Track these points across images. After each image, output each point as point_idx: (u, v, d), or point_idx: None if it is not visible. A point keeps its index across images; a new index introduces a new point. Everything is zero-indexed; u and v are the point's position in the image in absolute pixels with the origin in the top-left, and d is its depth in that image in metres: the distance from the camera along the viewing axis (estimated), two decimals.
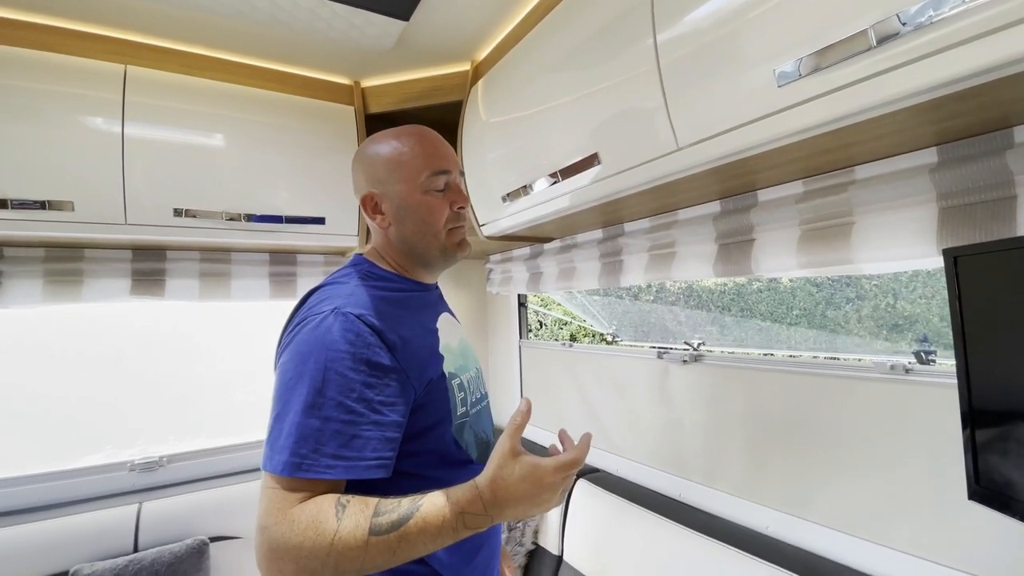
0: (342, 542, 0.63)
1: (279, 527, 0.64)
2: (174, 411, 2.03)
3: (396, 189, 0.88)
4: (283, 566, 0.64)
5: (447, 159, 0.90)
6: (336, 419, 0.68)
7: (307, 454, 0.66)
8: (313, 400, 0.68)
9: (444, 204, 0.88)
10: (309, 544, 0.63)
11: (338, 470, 0.67)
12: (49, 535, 1.45)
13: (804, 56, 0.67)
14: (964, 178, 0.80)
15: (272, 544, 0.64)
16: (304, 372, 0.70)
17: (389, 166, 0.88)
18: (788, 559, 1.08)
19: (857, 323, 2.88)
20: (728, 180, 1.04)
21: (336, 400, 0.69)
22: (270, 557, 0.64)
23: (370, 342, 0.73)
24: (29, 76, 1.31)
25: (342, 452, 0.67)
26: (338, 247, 1.84)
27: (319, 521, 0.64)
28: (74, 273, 1.59)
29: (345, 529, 0.63)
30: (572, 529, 1.59)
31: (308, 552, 0.63)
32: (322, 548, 0.63)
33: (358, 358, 0.71)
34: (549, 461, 0.67)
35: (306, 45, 1.50)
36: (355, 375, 0.70)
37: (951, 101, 0.66)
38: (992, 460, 0.73)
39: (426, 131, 0.92)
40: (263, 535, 0.65)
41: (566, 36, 1.17)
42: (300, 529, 0.63)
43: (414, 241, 0.89)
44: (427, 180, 0.87)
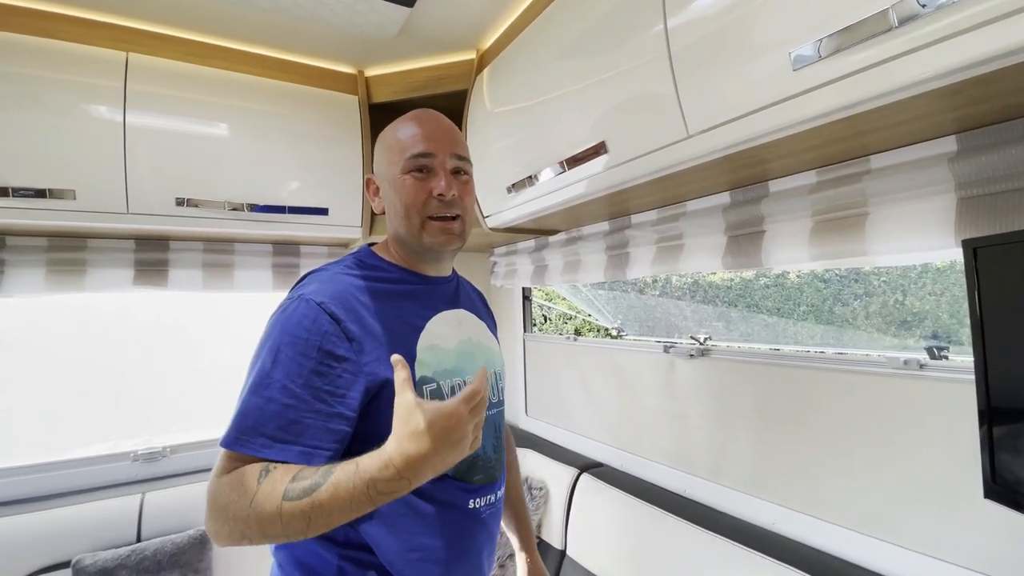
0: (259, 505, 0.63)
1: (213, 490, 0.67)
2: (177, 402, 2.03)
3: (384, 171, 0.88)
4: (218, 527, 0.66)
5: (432, 141, 0.84)
6: (278, 401, 0.69)
7: (246, 430, 0.68)
8: (261, 380, 0.70)
9: (422, 188, 0.83)
10: (234, 506, 0.64)
11: (272, 451, 0.67)
12: (52, 525, 1.45)
13: (825, 37, 0.65)
14: (984, 167, 0.78)
15: (209, 506, 0.66)
16: (261, 353, 0.73)
17: (383, 149, 0.88)
18: (795, 556, 1.06)
19: (865, 319, 2.85)
20: (739, 170, 1.02)
21: (281, 383, 0.69)
22: (209, 518, 0.66)
23: (327, 330, 0.73)
24: (30, 63, 1.29)
25: (278, 434, 0.68)
26: (341, 238, 1.83)
27: (242, 484, 0.65)
28: (77, 263, 1.59)
29: (262, 493, 0.63)
30: (576, 524, 1.58)
31: (233, 514, 0.64)
32: (243, 510, 0.63)
33: (311, 344, 0.71)
34: (451, 399, 0.64)
35: (310, 33, 1.48)
36: (305, 361, 0.71)
37: (972, 86, 0.63)
38: (1009, 458, 0.71)
39: (427, 114, 0.89)
40: (207, 498, 0.67)
41: (573, 23, 1.14)
42: (226, 491, 0.65)
43: (397, 227, 0.87)
44: (407, 162, 0.84)
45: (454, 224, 0.86)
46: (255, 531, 0.63)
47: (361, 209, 1.76)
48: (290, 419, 0.68)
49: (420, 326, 0.84)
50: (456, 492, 0.83)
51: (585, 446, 1.87)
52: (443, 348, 0.85)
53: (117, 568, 1.40)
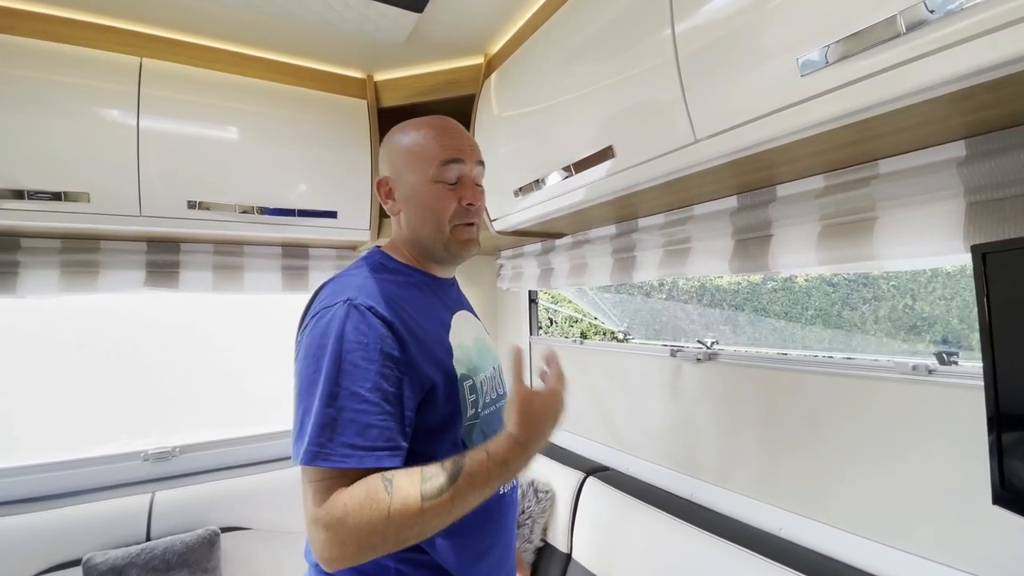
0: (399, 514, 0.65)
1: (332, 514, 0.66)
2: (187, 402, 2.05)
3: (408, 178, 0.88)
4: (345, 549, 0.66)
5: (462, 149, 0.88)
6: (351, 408, 0.69)
7: (325, 443, 0.68)
8: (330, 391, 0.70)
9: (452, 197, 0.86)
10: (367, 521, 0.65)
11: (354, 459, 0.68)
12: (63, 523, 1.47)
13: (832, 43, 0.65)
14: (994, 172, 0.78)
15: (330, 532, 0.66)
16: (320, 365, 0.71)
17: (405, 153, 0.89)
18: (802, 562, 1.06)
19: (874, 324, 2.82)
20: (746, 174, 1.02)
21: (350, 390, 0.70)
22: (330, 544, 0.66)
23: (382, 333, 0.74)
24: (46, 68, 1.32)
25: (356, 441, 0.68)
26: (350, 241, 1.84)
27: (371, 499, 0.66)
28: (90, 264, 1.61)
29: (398, 501, 0.66)
30: (581, 527, 1.58)
31: (368, 529, 0.65)
32: (380, 522, 0.65)
33: (371, 348, 0.72)
34: (553, 383, 0.79)
35: (319, 38, 1.50)
36: (369, 365, 0.71)
37: (982, 91, 0.63)
38: (1019, 465, 0.71)
39: (449, 122, 0.91)
40: (317, 526, 0.67)
41: (581, 28, 1.15)
42: (354, 510, 0.65)
43: (420, 232, 0.89)
44: (438, 170, 0.86)
45: (473, 230, 0.90)
46: (391, 541, 0.66)
47: (369, 212, 1.77)
48: (365, 424, 0.69)
49: (447, 325, 0.87)
50: None
51: (591, 450, 1.87)
52: (467, 345, 0.88)
53: (127, 566, 1.41)
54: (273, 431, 1.98)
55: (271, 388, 2.20)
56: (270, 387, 2.20)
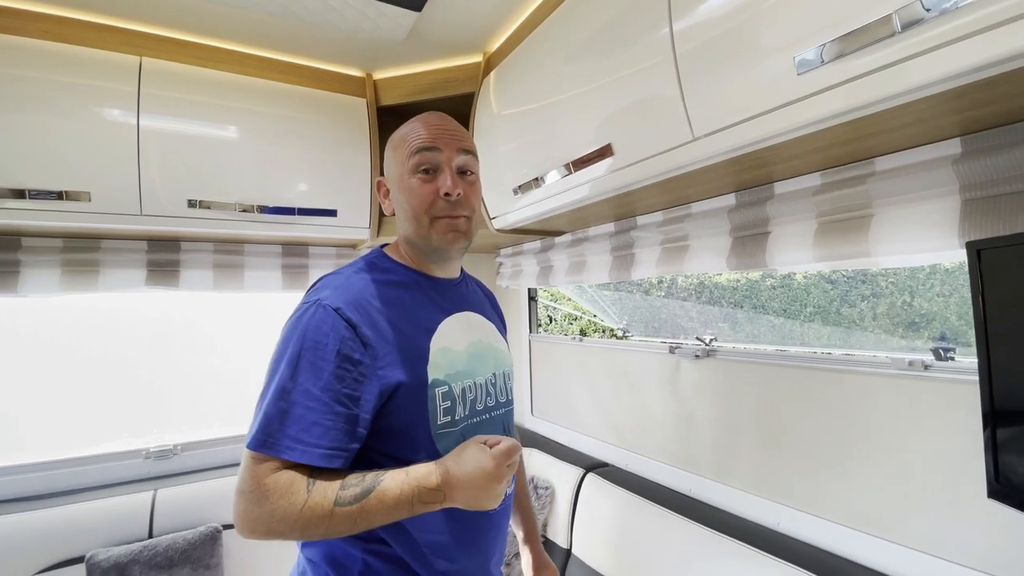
0: (309, 511, 0.69)
1: (254, 493, 0.70)
2: (188, 401, 2.05)
3: (391, 173, 0.89)
4: (255, 526, 0.70)
5: (438, 138, 0.84)
6: (301, 404, 0.72)
7: (272, 433, 0.71)
8: (284, 385, 0.73)
9: (429, 189, 0.83)
10: (280, 511, 0.69)
11: (296, 452, 0.71)
12: (66, 520, 1.48)
13: (827, 42, 0.66)
14: (989, 169, 0.78)
15: (247, 507, 0.70)
16: (281, 359, 0.75)
17: (390, 150, 0.90)
18: (799, 556, 1.07)
19: (872, 321, 2.83)
20: (744, 172, 1.03)
21: (303, 387, 0.73)
22: (244, 518, 0.70)
23: (344, 335, 0.75)
24: (46, 67, 1.32)
25: (302, 436, 0.71)
26: (350, 239, 1.85)
27: (291, 492, 0.69)
28: (90, 263, 1.61)
29: (313, 500, 0.69)
30: (581, 523, 1.59)
31: (279, 517, 0.69)
32: (291, 515, 0.69)
33: (329, 349, 0.74)
34: (494, 451, 0.75)
35: (319, 37, 1.51)
36: (325, 365, 0.73)
37: (976, 89, 0.64)
38: (1013, 459, 0.72)
39: (432, 114, 0.90)
40: (240, 498, 0.71)
41: (580, 26, 1.15)
42: (273, 497, 0.69)
43: (406, 228, 0.88)
44: (413, 159, 0.84)
45: (459, 222, 0.86)
46: (296, 531, 0.70)
47: (369, 210, 1.78)
48: (312, 422, 0.72)
49: (432, 328, 0.85)
50: None
51: (591, 446, 1.88)
52: (454, 350, 0.86)
53: (130, 563, 1.42)
54: None
55: None
56: None
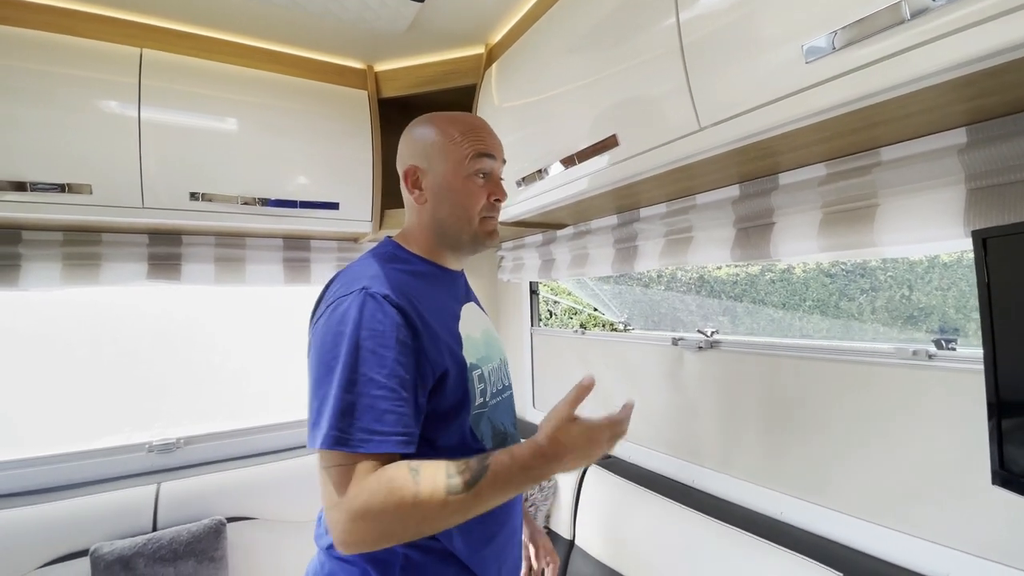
0: (422, 503, 0.67)
1: (356, 499, 0.67)
2: (191, 394, 2.05)
3: (440, 168, 0.89)
4: (365, 534, 0.68)
5: (495, 147, 0.92)
6: (369, 395, 0.71)
7: (345, 428, 0.69)
8: (348, 377, 0.71)
9: (483, 192, 0.90)
10: (391, 508, 0.66)
11: (373, 444, 0.69)
12: (70, 514, 1.48)
13: (839, 29, 0.65)
14: (994, 159, 0.79)
15: (351, 514, 0.67)
16: (338, 353, 0.72)
17: (437, 145, 0.90)
18: (803, 545, 1.07)
19: (871, 314, 2.84)
20: (749, 162, 1.03)
21: (368, 376, 0.71)
22: (351, 527, 0.67)
23: (397, 322, 0.75)
24: (46, 59, 1.31)
25: (374, 426, 0.70)
26: (351, 232, 1.85)
27: (396, 487, 0.67)
28: (92, 257, 1.61)
29: (424, 491, 0.67)
30: (584, 514, 1.60)
31: (391, 515, 0.67)
32: (403, 510, 0.66)
33: (387, 336, 0.74)
34: (602, 420, 0.79)
35: (320, 28, 1.50)
36: (386, 352, 0.73)
37: (984, 78, 0.64)
38: (1017, 446, 0.72)
39: (479, 120, 0.94)
40: (339, 511, 0.68)
41: (583, 17, 1.15)
42: (380, 496, 0.67)
43: (447, 222, 0.91)
44: (471, 163, 0.88)
45: (497, 222, 0.95)
46: (412, 529, 0.69)
47: (371, 203, 1.77)
48: (384, 410, 0.71)
49: (457, 316, 0.89)
50: None
51: None
52: (474, 337, 0.90)
53: (134, 556, 1.42)
54: (276, 422, 1.99)
55: (274, 379, 2.21)
56: (273, 379, 2.21)
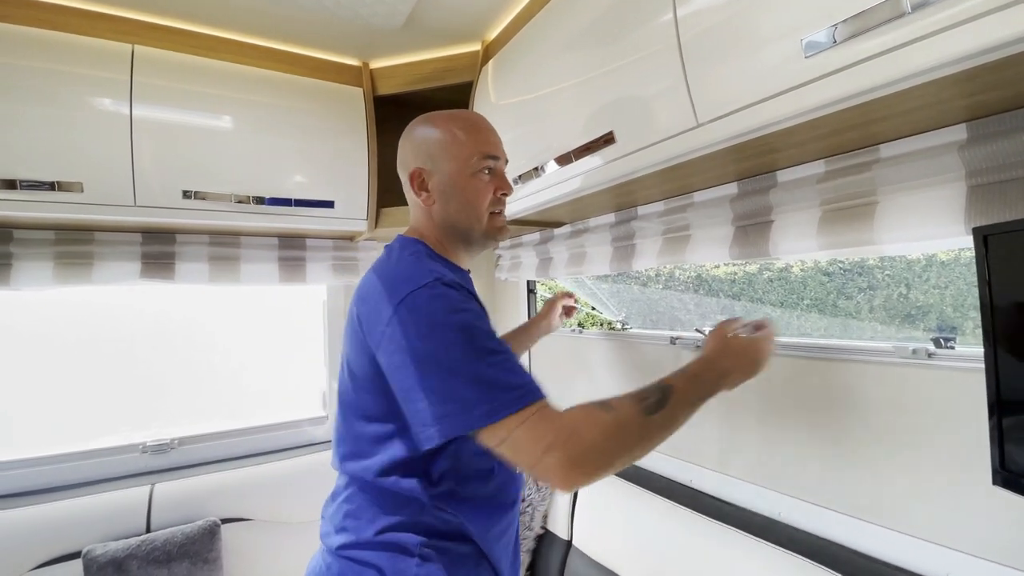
0: (626, 427, 0.72)
1: (567, 441, 0.69)
2: (186, 395, 2.04)
3: (446, 168, 0.90)
4: (586, 467, 0.70)
5: (497, 146, 0.95)
6: (498, 361, 0.73)
7: (501, 394, 0.71)
8: (474, 354, 0.72)
9: (489, 188, 0.93)
10: (601, 437, 0.70)
11: (531, 395, 0.72)
12: (63, 515, 1.47)
13: (839, 23, 0.64)
14: (995, 155, 0.78)
15: (568, 454, 0.69)
16: (445, 340, 0.73)
17: (441, 145, 0.91)
18: (801, 545, 1.07)
19: (869, 313, 2.84)
20: (747, 159, 1.02)
21: (488, 347, 0.74)
22: (571, 466, 0.69)
23: (478, 303, 0.82)
24: (37, 56, 1.30)
25: (522, 380, 0.73)
26: (347, 231, 1.83)
27: (595, 418, 0.71)
28: (84, 256, 1.59)
29: (623, 417, 0.72)
30: (582, 514, 1.59)
31: (601, 438, 0.70)
32: (611, 436, 0.71)
33: (480, 314, 0.78)
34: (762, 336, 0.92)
35: (315, 24, 1.48)
36: (485, 322, 0.78)
37: (986, 72, 0.63)
38: (1018, 446, 0.71)
39: (480, 117, 0.97)
40: (551, 457, 0.68)
41: (580, 13, 1.14)
42: (582, 426, 0.70)
43: (457, 221, 0.92)
44: (477, 162, 0.91)
45: (504, 218, 0.99)
46: (624, 453, 0.72)
47: (367, 201, 1.76)
48: (517, 366, 0.75)
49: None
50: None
51: None
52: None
53: (127, 558, 1.41)
54: (272, 422, 1.98)
55: (270, 379, 2.20)
56: (268, 378, 2.20)
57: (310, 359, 2.17)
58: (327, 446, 2.01)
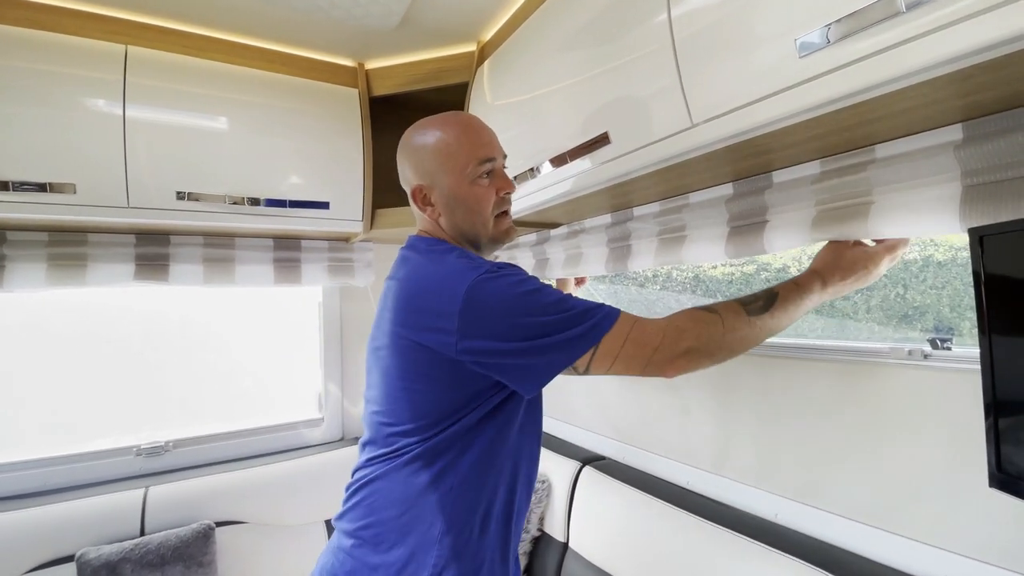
0: (733, 329, 0.82)
1: (670, 329, 0.80)
2: (180, 397, 2.03)
3: (444, 181, 0.90)
4: (697, 357, 0.81)
5: (492, 147, 0.94)
6: (572, 299, 0.82)
7: (590, 318, 0.79)
8: (553, 306, 0.79)
9: (491, 191, 0.93)
10: (705, 334, 0.81)
11: (614, 313, 0.81)
12: (56, 519, 1.46)
13: (833, 23, 0.64)
14: (991, 155, 0.77)
15: (674, 350, 0.80)
16: (524, 304, 0.79)
17: (437, 158, 0.90)
18: (798, 548, 1.06)
19: (866, 313, 2.84)
20: (743, 160, 1.01)
21: (557, 297, 0.81)
22: (676, 357, 0.80)
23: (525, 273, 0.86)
24: (29, 56, 1.29)
25: (600, 304, 0.82)
26: (342, 232, 1.82)
27: (698, 318, 0.83)
28: (78, 257, 1.59)
29: (727, 318, 0.82)
30: (578, 516, 1.59)
31: (705, 341, 0.81)
32: (717, 336, 0.82)
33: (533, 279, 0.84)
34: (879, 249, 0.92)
35: (309, 24, 1.48)
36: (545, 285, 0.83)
37: (981, 72, 0.62)
38: (1014, 449, 0.71)
39: (470, 119, 0.95)
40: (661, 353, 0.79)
41: (575, 14, 1.13)
42: (690, 329, 0.81)
43: (465, 229, 0.93)
44: (474, 169, 0.91)
45: (510, 217, 1.00)
46: (725, 349, 0.83)
47: (362, 202, 1.75)
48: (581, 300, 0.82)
49: None
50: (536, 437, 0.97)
51: (587, 439, 1.88)
52: None
53: (121, 562, 1.40)
54: (267, 424, 1.97)
55: (266, 381, 2.19)
56: (265, 380, 2.19)
57: (306, 360, 2.16)
58: (323, 448, 2.00)
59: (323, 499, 1.77)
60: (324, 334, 2.11)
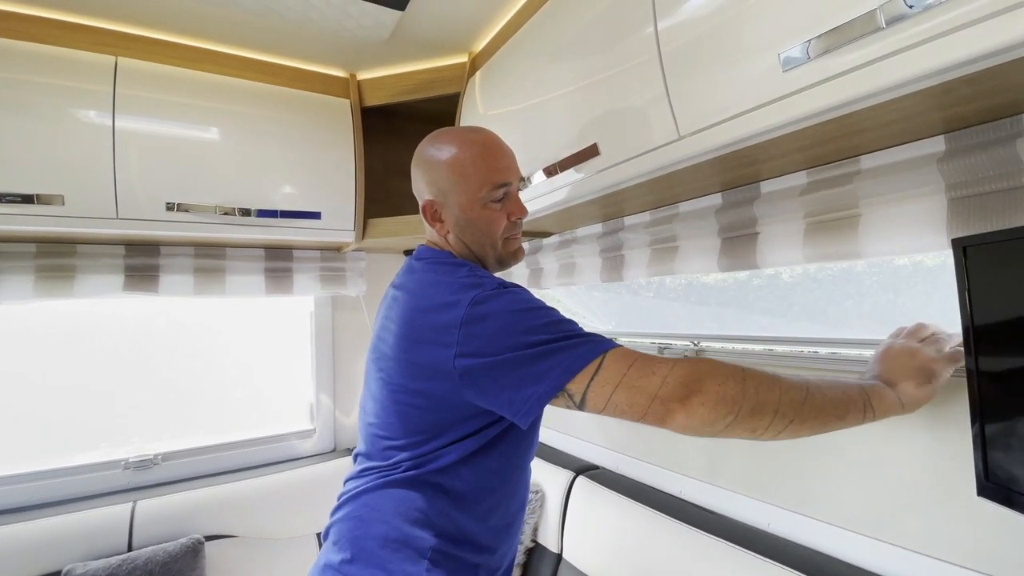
0: (755, 380, 0.72)
1: (693, 372, 0.73)
2: (169, 409, 2.01)
3: (456, 200, 0.90)
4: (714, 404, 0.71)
5: (509, 171, 0.92)
6: (568, 321, 0.80)
7: (588, 339, 0.76)
8: (551, 322, 0.77)
9: (502, 216, 0.92)
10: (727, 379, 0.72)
11: (601, 339, 0.77)
12: (42, 534, 1.43)
13: (813, 39, 0.65)
14: (973, 167, 0.78)
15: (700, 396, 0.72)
16: (527, 319, 0.77)
17: (451, 176, 0.89)
18: (790, 557, 1.06)
19: (858, 319, 2.86)
20: (730, 171, 1.02)
21: (552, 317, 0.79)
22: (713, 405, 0.71)
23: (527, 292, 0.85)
24: (17, 68, 1.28)
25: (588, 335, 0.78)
26: (334, 242, 1.82)
27: (719, 367, 0.74)
28: (66, 269, 1.57)
29: (752, 372, 0.74)
30: (571, 527, 1.58)
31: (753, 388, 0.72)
32: (743, 384, 0.72)
33: (535, 299, 0.83)
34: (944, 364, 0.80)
35: (300, 36, 1.48)
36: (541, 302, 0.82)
37: (961, 85, 0.63)
38: (1002, 456, 0.71)
39: (489, 138, 0.93)
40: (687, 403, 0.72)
41: (565, 25, 1.14)
42: (709, 373, 0.73)
43: (474, 248, 0.93)
44: (488, 193, 0.89)
45: (520, 239, 0.99)
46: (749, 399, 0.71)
47: (354, 212, 1.75)
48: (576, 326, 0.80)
49: None
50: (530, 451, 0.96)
51: (581, 449, 1.87)
52: None
53: None
54: (257, 436, 1.95)
55: (256, 392, 2.17)
56: (255, 391, 2.17)
57: (298, 371, 2.15)
58: (314, 460, 1.99)
59: (315, 511, 1.75)
60: (316, 344, 2.09)
